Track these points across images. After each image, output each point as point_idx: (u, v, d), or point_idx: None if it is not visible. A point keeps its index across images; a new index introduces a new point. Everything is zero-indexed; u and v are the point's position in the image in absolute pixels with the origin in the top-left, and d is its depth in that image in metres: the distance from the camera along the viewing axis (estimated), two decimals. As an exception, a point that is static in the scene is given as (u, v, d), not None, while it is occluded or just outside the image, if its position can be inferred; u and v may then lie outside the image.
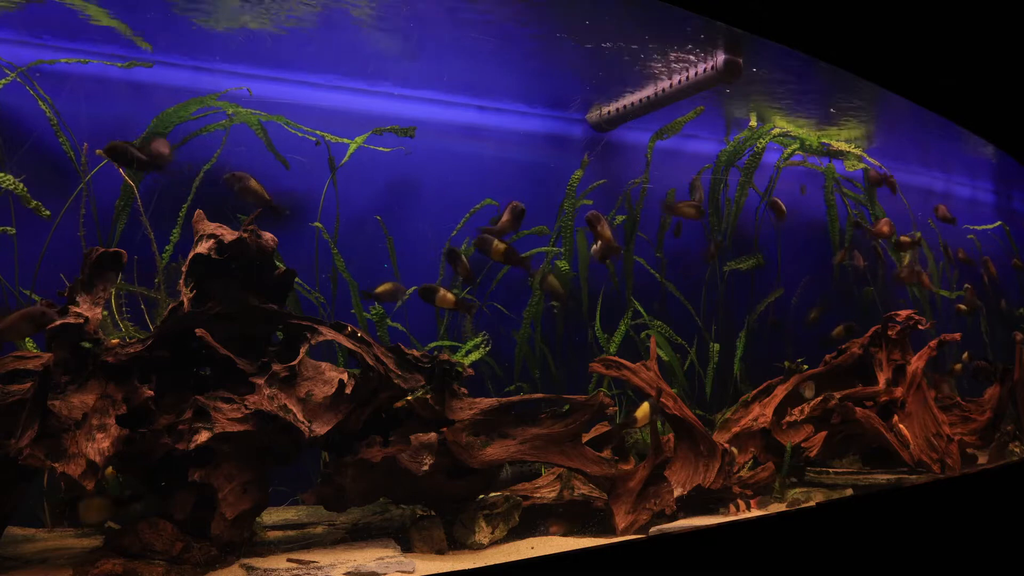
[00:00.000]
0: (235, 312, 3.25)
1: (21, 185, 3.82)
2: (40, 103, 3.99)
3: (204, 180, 4.36)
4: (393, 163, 5.13)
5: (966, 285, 7.89)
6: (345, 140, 4.74)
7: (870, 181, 6.98)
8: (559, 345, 5.51)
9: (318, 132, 4.66)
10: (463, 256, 4.65)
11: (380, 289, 4.45)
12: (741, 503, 3.96)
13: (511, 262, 4.59)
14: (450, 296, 4.42)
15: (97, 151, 3.94)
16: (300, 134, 4.64)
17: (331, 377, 3.30)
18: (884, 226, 6.56)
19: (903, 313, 5.31)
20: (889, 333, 5.17)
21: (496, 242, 4.45)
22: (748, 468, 4.48)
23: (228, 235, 3.22)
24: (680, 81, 5.13)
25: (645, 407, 4.18)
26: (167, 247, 4.17)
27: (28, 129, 4.10)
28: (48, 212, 3.89)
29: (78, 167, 4.06)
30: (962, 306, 7.01)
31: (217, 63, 4.63)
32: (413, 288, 4.71)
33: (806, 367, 5.15)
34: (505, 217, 4.74)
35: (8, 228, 3.91)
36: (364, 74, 4.93)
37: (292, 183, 4.66)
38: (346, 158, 4.79)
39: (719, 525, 3.66)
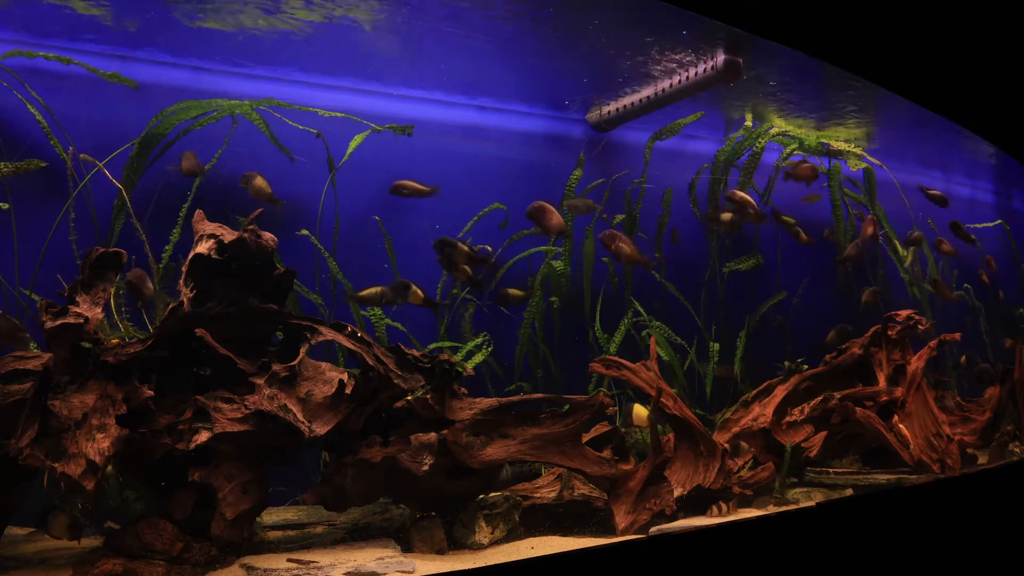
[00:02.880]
0: (235, 312, 3.25)
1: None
2: (28, 106, 3.99)
3: (203, 181, 4.36)
4: (393, 163, 5.13)
5: (966, 285, 7.89)
6: (339, 115, 4.73)
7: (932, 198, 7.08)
8: (559, 345, 5.51)
9: (309, 109, 4.65)
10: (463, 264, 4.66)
11: (364, 292, 4.44)
12: (723, 504, 3.94)
13: (475, 263, 4.63)
14: (420, 293, 4.48)
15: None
16: (301, 126, 4.64)
17: (331, 377, 3.30)
18: (869, 226, 6.49)
19: (903, 313, 5.31)
20: (889, 333, 5.17)
21: (459, 244, 4.50)
22: (748, 468, 4.48)
23: (228, 235, 3.22)
24: (680, 81, 5.13)
25: (637, 408, 4.18)
26: (167, 247, 4.17)
27: (28, 130, 4.09)
28: (7, 205, 3.94)
29: (71, 169, 4.06)
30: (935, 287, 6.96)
31: (217, 63, 4.63)
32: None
33: (806, 367, 5.15)
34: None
35: (2, 204, 3.92)
36: (364, 74, 4.93)
37: (292, 184, 4.66)
38: (345, 157, 4.79)
39: (719, 525, 3.66)
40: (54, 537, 3.08)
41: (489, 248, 5.31)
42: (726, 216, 5.69)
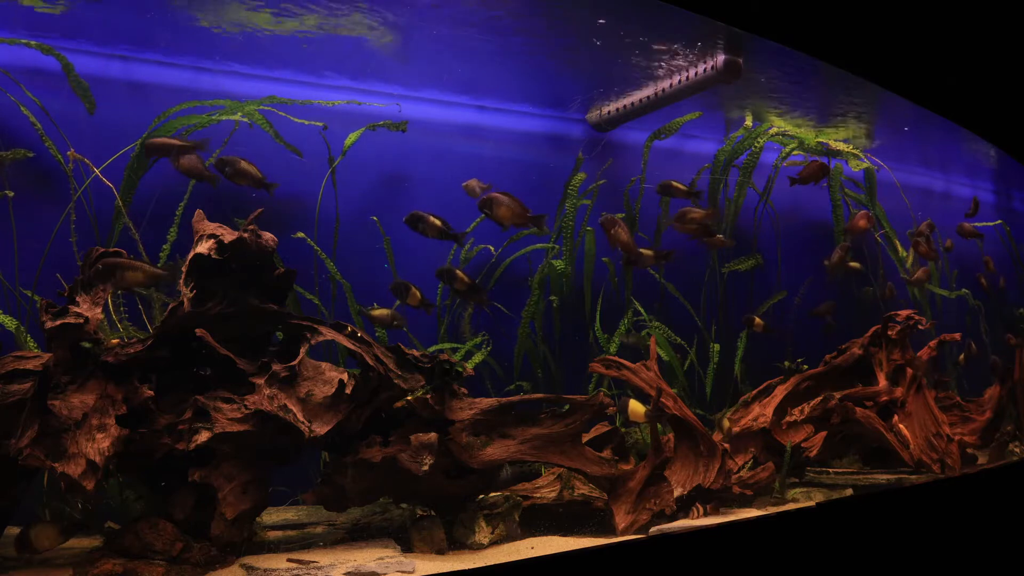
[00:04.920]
0: (235, 312, 3.25)
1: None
2: (22, 108, 3.98)
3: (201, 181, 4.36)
4: (393, 163, 5.13)
5: (964, 290, 7.89)
6: (339, 102, 4.73)
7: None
8: (559, 345, 5.51)
9: (312, 102, 4.65)
10: (459, 272, 4.69)
11: (377, 312, 4.47)
12: (700, 506, 3.93)
13: (447, 237, 4.66)
14: (418, 295, 4.54)
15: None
16: (307, 121, 4.65)
17: (331, 377, 3.30)
18: (861, 220, 6.41)
19: (903, 313, 5.31)
20: (889, 333, 5.17)
21: (430, 218, 4.51)
22: (748, 468, 4.48)
23: (228, 235, 3.22)
24: (680, 81, 5.13)
25: (632, 404, 4.18)
26: (164, 246, 4.17)
27: (29, 131, 4.09)
28: (12, 193, 3.96)
29: (69, 171, 4.06)
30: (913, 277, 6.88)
31: (217, 63, 4.63)
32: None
33: (806, 367, 5.15)
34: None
35: (7, 191, 3.93)
36: (364, 74, 4.93)
37: (291, 184, 4.66)
38: (341, 155, 4.79)
39: (719, 525, 3.66)
40: (42, 549, 3.05)
41: (492, 248, 5.32)
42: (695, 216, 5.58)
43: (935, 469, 4.77)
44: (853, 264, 6.69)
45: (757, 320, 5.68)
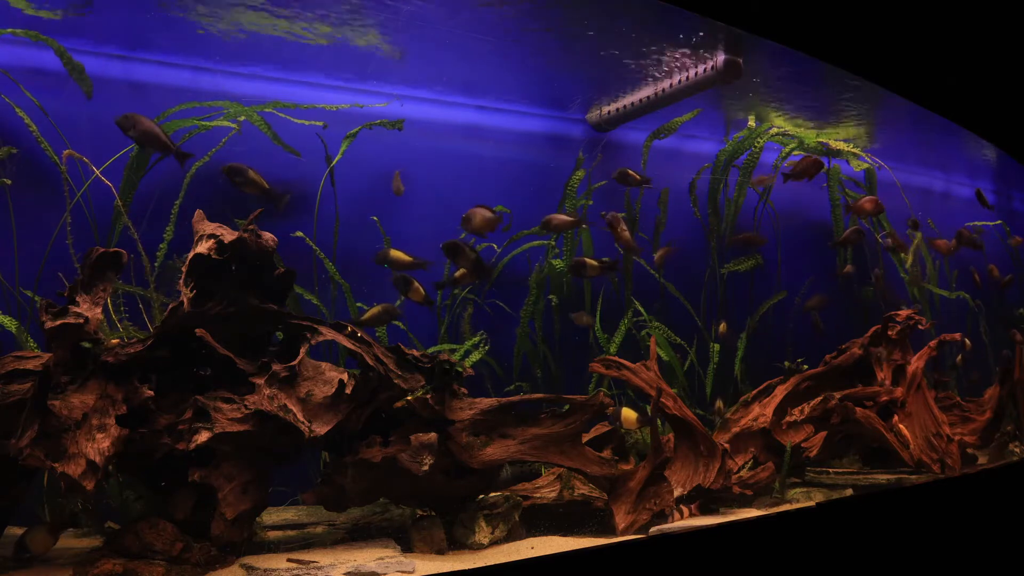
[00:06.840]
0: (235, 312, 3.25)
1: None
2: (17, 109, 3.97)
3: (202, 180, 4.35)
4: (393, 164, 5.13)
5: (963, 294, 7.88)
6: (342, 106, 4.74)
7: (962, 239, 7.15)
8: (559, 345, 5.51)
9: (314, 106, 4.64)
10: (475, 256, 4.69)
11: (368, 315, 4.48)
12: (684, 508, 3.91)
13: (480, 267, 4.71)
14: (421, 291, 4.55)
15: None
16: (307, 122, 4.65)
17: (331, 377, 3.30)
18: (867, 203, 6.39)
19: (903, 313, 5.31)
20: (889, 333, 5.17)
21: (466, 248, 4.55)
22: (748, 468, 4.48)
23: (228, 235, 3.21)
24: (680, 81, 5.13)
25: (625, 411, 4.19)
26: (161, 245, 4.17)
27: (28, 131, 4.09)
28: (10, 181, 3.95)
29: (64, 171, 4.05)
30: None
31: (217, 63, 4.63)
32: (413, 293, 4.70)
33: (806, 367, 5.15)
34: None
35: (5, 180, 3.92)
36: (364, 74, 4.93)
37: (291, 182, 4.66)
38: (339, 155, 4.79)
39: (719, 525, 3.66)
40: (40, 552, 3.06)
41: (496, 246, 5.33)
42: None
43: (935, 469, 4.77)
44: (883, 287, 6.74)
45: (723, 327, 5.71)
